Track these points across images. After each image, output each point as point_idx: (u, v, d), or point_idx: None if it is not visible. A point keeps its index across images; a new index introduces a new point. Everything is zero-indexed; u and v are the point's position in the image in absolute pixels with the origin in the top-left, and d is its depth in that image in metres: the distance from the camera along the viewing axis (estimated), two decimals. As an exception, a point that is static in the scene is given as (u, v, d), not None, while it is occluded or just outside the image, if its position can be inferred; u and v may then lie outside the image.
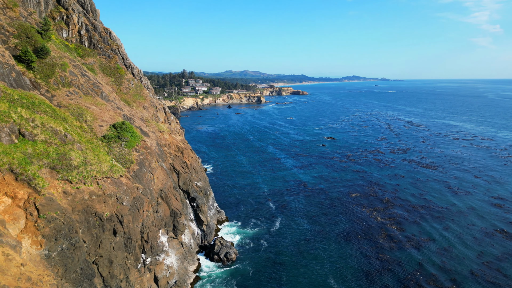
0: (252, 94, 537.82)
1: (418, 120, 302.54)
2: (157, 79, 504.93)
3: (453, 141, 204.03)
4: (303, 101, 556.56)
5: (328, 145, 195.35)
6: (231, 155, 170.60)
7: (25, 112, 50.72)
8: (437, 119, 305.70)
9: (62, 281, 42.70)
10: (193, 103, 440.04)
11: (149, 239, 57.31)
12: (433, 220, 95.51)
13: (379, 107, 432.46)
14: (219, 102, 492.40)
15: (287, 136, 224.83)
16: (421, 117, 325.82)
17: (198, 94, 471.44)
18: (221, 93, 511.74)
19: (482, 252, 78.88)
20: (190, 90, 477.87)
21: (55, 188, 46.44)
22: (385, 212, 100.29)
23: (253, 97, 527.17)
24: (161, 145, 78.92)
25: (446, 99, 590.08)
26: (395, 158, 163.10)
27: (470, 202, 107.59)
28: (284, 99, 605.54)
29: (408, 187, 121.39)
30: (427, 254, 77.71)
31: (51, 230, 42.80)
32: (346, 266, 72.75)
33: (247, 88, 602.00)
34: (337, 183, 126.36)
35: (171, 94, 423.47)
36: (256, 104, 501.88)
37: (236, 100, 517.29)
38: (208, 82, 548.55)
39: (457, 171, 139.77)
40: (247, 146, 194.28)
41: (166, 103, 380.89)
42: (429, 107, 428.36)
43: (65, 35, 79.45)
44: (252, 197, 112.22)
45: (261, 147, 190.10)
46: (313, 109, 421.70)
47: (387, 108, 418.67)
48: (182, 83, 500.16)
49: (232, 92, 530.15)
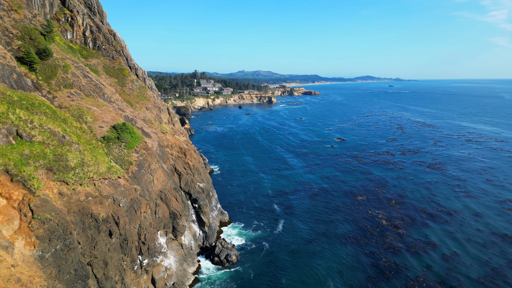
0: (263, 95, 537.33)
1: (431, 121, 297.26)
2: (169, 80, 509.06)
3: (466, 142, 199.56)
4: (314, 101, 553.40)
5: (336, 146, 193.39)
6: (238, 156, 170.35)
7: (24, 114, 51.19)
8: (450, 120, 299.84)
9: (55, 282, 42.88)
10: (204, 104, 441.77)
11: (147, 240, 57.26)
12: (441, 224, 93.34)
13: (391, 108, 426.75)
14: (230, 103, 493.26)
15: (296, 137, 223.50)
16: (434, 118, 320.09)
17: (209, 95, 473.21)
18: (232, 94, 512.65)
19: (491, 258, 76.62)
20: (202, 90, 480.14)
21: (50, 189, 46.70)
22: (391, 215, 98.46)
23: (264, 98, 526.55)
24: (163, 146, 79.00)
25: (460, 99, 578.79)
26: (405, 159, 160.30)
27: (480, 206, 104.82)
28: (295, 99, 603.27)
29: (416, 189, 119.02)
30: (433, 260, 75.85)
31: (45, 231, 43.02)
32: (348, 270, 71.53)
33: (258, 89, 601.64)
34: (343, 184, 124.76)
35: (182, 95, 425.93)
36: (267, 104, 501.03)
37: (247, 100, 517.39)
38: (220, 82, 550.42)
39: (468, 174, 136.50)
40: (255, 146, 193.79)
41: (177, 103, 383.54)
42: (442, 108, 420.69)
43: (70, 36, 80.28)
44: (256, 198, 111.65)
45: (269, 148, 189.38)
46: (324, 109, 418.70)
47: (400, 109, 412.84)
48: (193, 84, 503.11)
49: (243, 93, 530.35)
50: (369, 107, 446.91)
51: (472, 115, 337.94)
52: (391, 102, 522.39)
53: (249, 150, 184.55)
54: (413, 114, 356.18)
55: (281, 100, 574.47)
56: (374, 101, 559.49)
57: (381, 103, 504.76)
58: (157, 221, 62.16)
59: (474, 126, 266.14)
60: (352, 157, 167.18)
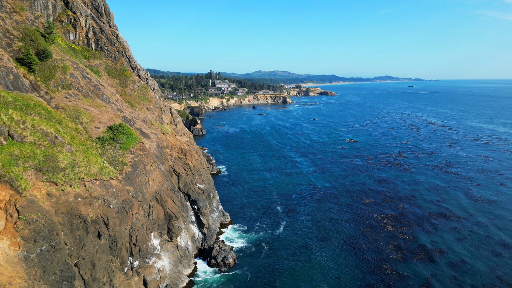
0: (278, 95, 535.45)
1: (448, 122, 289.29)
2: (185, 80, 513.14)
3: (483, 145, 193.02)
4: (329, 101, 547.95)
5: (348, 147, 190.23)
6: (247, 156, 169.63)
7: (17, 114, 51.69)
8: (468, 122, 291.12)
9: (40, 283, 43.00)
10: (218, 104, 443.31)
11: (138, 242, 57.05)
12: (449, 230, 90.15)
13: (407, 109, 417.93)
14: (244, 103, 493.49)
15: (307, 138, 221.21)
16: (452, 119, 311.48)
17: (224, 95, 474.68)
18: (246, 94, 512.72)
19: (498, 265, 73.38)
20: (216, 90, 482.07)
21: (39, 190, 46.92)
22: (397, 220, 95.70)
23: (278, 98, 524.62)
24: (163, 147, 78.91)
25: (482, 100, 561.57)
26: (417, 162, 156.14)
27: (492, 211, 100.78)
28: (311, 99, 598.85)
29: (426, 193, 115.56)
30: (437, 267, 73.11)
31: (30, 232, 43.17)
32: (346, 277, 69.66)
33: (273, 89, 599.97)
34: (350, 187, 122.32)
35: (196, 95, 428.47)
36: (282, 104, 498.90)
37: (262, 100, 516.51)
38: (235, 82, 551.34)
39: (481, 178, 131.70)
40: (264, 147, 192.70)
41: (191, 103, 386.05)
42: (462, 109, 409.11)
43: (72, 37, 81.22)
44: (260, 199, 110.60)
45: (279, 149, 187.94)
46: (339, 110, 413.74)
47: (417, 110, 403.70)
48: (208, 84, 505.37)
49: (258, 93, 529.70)
50: (385, 107, 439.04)
51: (492, 117, 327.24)
52: (408, 103, 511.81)
53: (258, 150, 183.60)
54: (430, 115, 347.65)
55: (296, 100, 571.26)
56: (391, 101, 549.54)
57: (398, 104, 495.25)
58: (151, 222, 61.93)
59: (493, 128, 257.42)
60: (363, 158, 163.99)
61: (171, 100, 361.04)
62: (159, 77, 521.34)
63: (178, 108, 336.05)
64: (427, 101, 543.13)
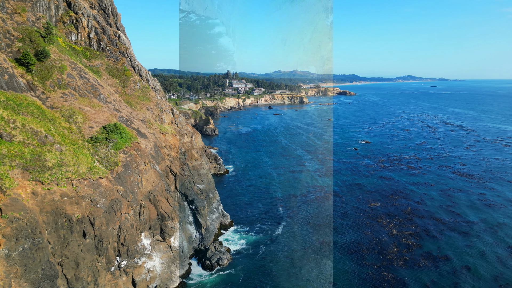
0: (294, 95, 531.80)
1: (468, 123, 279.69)
2: (202, 80, 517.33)
3: (503, 148, 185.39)
4: (348, 102, 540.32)
5: (360, 149, 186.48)
6: (256, 157, 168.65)
7: (8, 114, 52.48)
8: (489, 123, 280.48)
9: (21, 281, 43.43)
10: (234, 104, 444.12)
11: (126, 242, 57.03)
12: (457, 236, 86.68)
13: (428, 109, 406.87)
14: (261, 103, 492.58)
15: (320, 138, 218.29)
16: (472, 120, 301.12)
17: (240, 95, 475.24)
18: (263, 94, 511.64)
19: (502, 273, 69.85)
20: (233, 90, 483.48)
21: (24, 188, 47.43)
22: (403, 224, 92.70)
23: (295, 98, 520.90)
24: (160, 146, 78.96)
25: (506, 101, 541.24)
26: (430, 164, 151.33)
27: (503, 217, 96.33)
28: (328, 99, 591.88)
29: (435, 197, 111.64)
30: (439, 274, 70.23)
31: (12, 230, 43.58)
32: (342, 283, 67.75)
33: (291, 89, 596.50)
34: (357, 189, 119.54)
35: (212, 95, 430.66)
36: (298, 104, 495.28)
37: (278, 100, 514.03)
38: (252, 82, 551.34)
39: (495, 182, 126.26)
40: (275, 147, 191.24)
41: (207, 103, 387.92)
42: (484, 110, 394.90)
43: (74, 38, 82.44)
44: (264, 200, 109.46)
45: (290, 149, 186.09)
46: (356, 110, 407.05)
47: (437, 110, 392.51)
48: (225, 84, 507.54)
49: (275, 93, 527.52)
50: (404, 108, 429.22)
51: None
52: (428, 103, 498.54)
53: (268, 151, 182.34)
54: (450, 116, 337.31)
55: (313, 100, 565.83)
56: (411, 102, 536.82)
57: (418, 104, 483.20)
58: (141, 222, 61.86)
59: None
60: (374, 160, 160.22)
61: (187, 100, 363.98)
62: (178, 77, 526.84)
63: (194, 108, 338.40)
64: (449, 102, 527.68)
